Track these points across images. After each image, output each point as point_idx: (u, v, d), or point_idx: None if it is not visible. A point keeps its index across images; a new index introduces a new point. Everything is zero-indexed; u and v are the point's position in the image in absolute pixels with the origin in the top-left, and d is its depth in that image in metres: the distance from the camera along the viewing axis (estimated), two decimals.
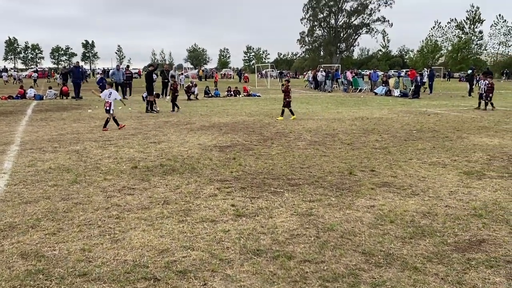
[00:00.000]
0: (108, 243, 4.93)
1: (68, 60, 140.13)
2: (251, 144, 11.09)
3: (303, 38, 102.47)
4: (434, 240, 5.01)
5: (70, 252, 4.68)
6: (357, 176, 7.95)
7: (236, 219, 5.70)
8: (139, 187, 7.16)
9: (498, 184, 7.38)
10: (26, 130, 13.58)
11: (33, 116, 17.38)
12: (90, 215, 5.85)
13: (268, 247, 4.83)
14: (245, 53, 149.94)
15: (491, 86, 20.17)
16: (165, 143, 11.17)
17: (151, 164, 8.84)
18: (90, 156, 9.60)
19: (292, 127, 14.14)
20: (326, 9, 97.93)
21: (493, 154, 9.91)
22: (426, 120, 16.09)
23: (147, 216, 5.80)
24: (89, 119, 16.43)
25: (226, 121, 15.93)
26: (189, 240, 5.00)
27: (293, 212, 5.98)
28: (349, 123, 15.23)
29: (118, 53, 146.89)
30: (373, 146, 10.89)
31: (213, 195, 6.75)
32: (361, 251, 4.72)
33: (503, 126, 14.47)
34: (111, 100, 13.48)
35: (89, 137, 12.17)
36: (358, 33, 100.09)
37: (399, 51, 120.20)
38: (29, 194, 6.76)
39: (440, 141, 11.60)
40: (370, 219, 5.73)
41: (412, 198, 6.65)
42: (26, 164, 8.80)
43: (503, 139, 11.94)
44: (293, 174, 8.09)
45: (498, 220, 5.67)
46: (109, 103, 13.44)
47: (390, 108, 21.02)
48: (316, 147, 10.66)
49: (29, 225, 5.45)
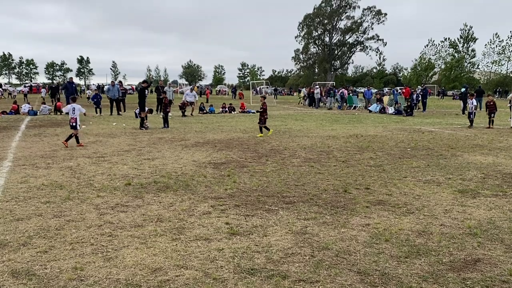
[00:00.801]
0: (101, 261, 4.86)
1: (63, 75, 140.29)
2: (245, 161, 11.06)
3: (298, 56, 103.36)
4: (429, 260, 4.98)
5: (61, 270, 4.61)
6: (352, 194, 7.93)
7: (230, 238, 5.65)
8: (133, 204, 7.11)
9: (492, 203, 7.38)
10: (19, 145, 13.50)
11: (27, 132, 17.30)
12: (82, 232, 5.78)
13: (262, 266, 4.78)
14: (240, 69, 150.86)
15: (493, 104, 20.34)
16: (159, 160, 11.12)
17: (145, 181, 8.79)
18: (84, 172, 9.54)
19: (287, 144, 14.14)
20: (321, 27, 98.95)
21: (487, 172, 9.93)
22: (420, 138, 16.15)
23: (140, 234, 5.74)
24: (83, 135, 16.35)
25: (221, 137, 15.92)
26: (183, 259, 4.94)
27: (288, 231, 5.94)
28: (344, 141, 15.26)
29: (113, 69, 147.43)
30: (367, 163, 10.90)
31: (207, 213, 6.70)
32: (356, 271, 4.68)
33: (497, 144, 14.53)
34: (76, 115, 13.42)
35: (83, 153, 12.11)
36: (353, 51, 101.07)
37: (393, 69, 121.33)
38: (21, 211, 6.69)
39: (434, 159, 11.63)
40: (365, 237, 5.69)
41: (407, 216, 6.62)
42: (19, 180, 8.72)
43: (497, 157, 11.98)
44: (288, 191, 8.06)
45: (493, 239, 5.66)
46: (75, 119, 13.37)
47: (385, 126, 21.10)
48: (310, 164, 10.65)
49: (21, 243, 5.38)
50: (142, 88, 20.03)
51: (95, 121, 22.17)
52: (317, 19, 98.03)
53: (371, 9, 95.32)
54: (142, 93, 19.54)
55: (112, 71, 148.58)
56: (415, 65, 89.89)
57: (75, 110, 13.49)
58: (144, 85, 20.57)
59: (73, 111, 13.46)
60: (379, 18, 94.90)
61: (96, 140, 14.91)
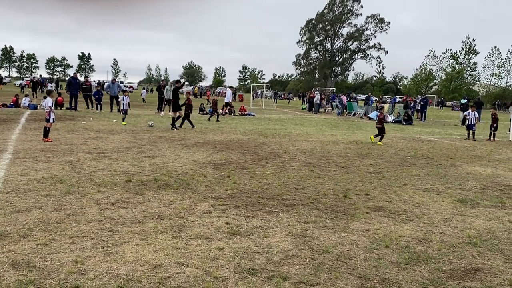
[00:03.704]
0: (101, 256, 4.86)
1: (63, 71, 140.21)
2: (245, 163, 11.07)
3: (299, 60, 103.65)
4: (429, 267, 4.99)
5: (62, 263, 4.60)
6: (352, 199, 7.94)
7: (230, 237, 5.65)
8: (133, 201, 7.10)
9: (492, 213, 7.40)
10: (19, 138, 13.47)
11: (27, 125, 17.27)
12: (83, 227, 5.77)
13: (263, 266, 4.78)
14: (241, 72, 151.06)
15: (495, 116, 20.37)
16: (159, 158, 11.12)
17: (146, 178, 8.78)
18: (84, 167, 9.52)
19: (287, 148, 14.15)
20: (323, 33, 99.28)
21: (486, 183, 9.96)
22: (419, 147, 16.18)
23: (141, 230, 5.73)
24: (83, 130, 16.35)
25: (221, 139, 15.92)
26: (183, 257, 4.94)
27: (288, 233, 5.94)
28: (344, 146, 15.27)
29: (114, 66, 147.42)
30: (367, 170, 10.91)
31: (208, 212, 6.70)
32: (356, 275, 4.68)
33: (495, 156, 14.57)
34: (47, 109, 13.33)
35: (83, 148, 12.09)
36: (354, 58, 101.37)
37: (393, 78, 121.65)
38: (21, 203, 6.67)
39: (434, 168, 11.65)
40: (365, 243, 5.70)
41: (407, 223, 6.63)
42: (19, 172, 8.71)
43: (496, 168, 12.01)
44: (288, 194, 8.06)
45: (493, 249, 5.67)
46: (48, 113, 13.29)
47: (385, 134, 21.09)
48: (310, 169, 10.66)
49: (21, 235, 5.36)
50: (175, 88, 19.69)
51: (96, 118, 22.16)
52: (319, 25, 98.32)
53: (374, 16, 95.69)
54: (175, 93, 19.27)
55: (113, 68, 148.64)
56: (415, 75, 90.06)
57: (46, 103, 13.42)
58: (178, 85, 20.07)
59: (45, 104, 13.44)
60: (381, 27, 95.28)
61: (96, 136, 14.89)
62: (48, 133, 13.27)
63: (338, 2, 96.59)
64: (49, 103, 13.38)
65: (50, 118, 13.23)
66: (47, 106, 13.30)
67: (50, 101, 13.43)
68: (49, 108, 13.24)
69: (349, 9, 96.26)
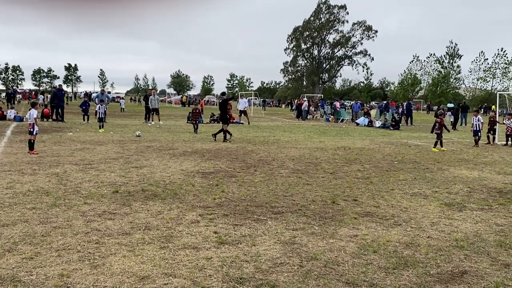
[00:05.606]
0: (88, 268, 4.81)
1: (50, 82, 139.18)
2: (234, 171, 11.05)
3: (287, 68, 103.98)
4: (417, 271, 5.00)
5: (48, 277, 4.55)
6: (340, 205, 7.96)
7: (218, 247, 5.63)
8: (120, 212, 7.05)
9: (478, 216, 7.46)
10: (5, 151, 13.33)
11: (13, 138, 17.10)
12: (69, 239, 5.71)
13: (251, 275, 4.76)
14: (229, 80, 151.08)
15: (493, 120, 20.47)
16: (147, 168, 11.06)
17: (133, 189, 8.73)
18: (70, 179, 9.45)
19: (275, 155, 14.16)
20: (310, 40, 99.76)
21: (473, 186, 10.04)
22: (407, 152, 16.28)
23: (128, 242, 5.69)
24: (69, 142, 16.23)
25: (209, 147, 15.89)
26: (171, 267, 4.91)
27: (276, 240, 5.93)
28: (332, 153, 15.32)
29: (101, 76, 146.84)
30: (355, 175, 10.95)
31: (196, 222, 6.67)
32: (344, 281, 4.68)
33: (482, 159, 14.71)
34: (31, 121, 13.16)
35: (70, 160, 12.00)
36: (341, 64, 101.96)
37: (380, 83, 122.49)
38: (6, 216, 6.59)
39: (421, 172, 11.73)
40: (353, 248, 5.71)
41: (395, 228, 6.66)
42: (4, 186, 8.61)
43: (482, 171, 12.12)
44: (276, 202, 8.06)
45: (480, 252, 5.71)
46: (32, 125, 13.15)
47: (372, 139, 21.25)
48: (299, 176, 10.67)
49: (6, 249, 5.29)
50: (224, 100, 19.44)
51: (82, 129, 22.02)
52: (306, 32, 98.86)
53: (360, 23, 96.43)
54: (224, 106, 19.20)
55: (100, 79, 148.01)
56: (402, 80, 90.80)
57: (31, 115, 13.27)
58: (225, 97, 19.93)
59: (30, 116, 13.31)
60: (369, 35, 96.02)
61: (83, 147, 14.79)
62: (33, 145, 13.15)
63: (324, 10, 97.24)
64: (34, 115, 13.25)
65: (33, 130, 13.10)
66: (32, 118, 13.18)
67: (35, 113, 13.31)
68: (34, 120, 13.12)
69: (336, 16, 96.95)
